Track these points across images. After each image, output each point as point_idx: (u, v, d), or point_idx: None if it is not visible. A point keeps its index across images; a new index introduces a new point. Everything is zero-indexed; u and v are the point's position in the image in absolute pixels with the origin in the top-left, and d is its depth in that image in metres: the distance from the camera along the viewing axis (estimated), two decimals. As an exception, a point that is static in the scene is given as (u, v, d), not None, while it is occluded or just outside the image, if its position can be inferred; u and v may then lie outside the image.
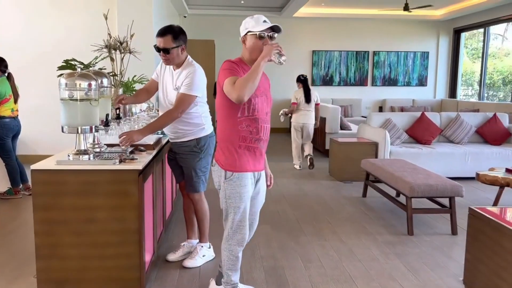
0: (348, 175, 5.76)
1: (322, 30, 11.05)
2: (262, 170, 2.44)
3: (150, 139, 3.01)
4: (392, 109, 10.85)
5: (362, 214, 4.34)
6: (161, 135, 3.38)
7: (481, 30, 10.59)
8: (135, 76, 4.18)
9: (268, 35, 2.26)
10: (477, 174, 4.41)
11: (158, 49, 2.88)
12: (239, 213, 2.33)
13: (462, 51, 11.48)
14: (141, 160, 2.54)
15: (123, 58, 3.84)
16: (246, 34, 2.29)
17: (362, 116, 10.55)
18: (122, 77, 3.83)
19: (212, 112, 2.96)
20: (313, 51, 11.08)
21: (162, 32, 2.85)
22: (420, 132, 6.11)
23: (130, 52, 3.86)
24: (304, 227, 3.95)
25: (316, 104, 6.60)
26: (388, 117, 6.23)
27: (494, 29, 10.61)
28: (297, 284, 2.83)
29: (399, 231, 3.84)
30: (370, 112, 6.86)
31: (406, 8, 8.63)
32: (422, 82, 11.47)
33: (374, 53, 11.24)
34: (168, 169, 3.64)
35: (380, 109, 11.20)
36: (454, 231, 3.77)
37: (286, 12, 9.97)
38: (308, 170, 6.48)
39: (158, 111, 3.72)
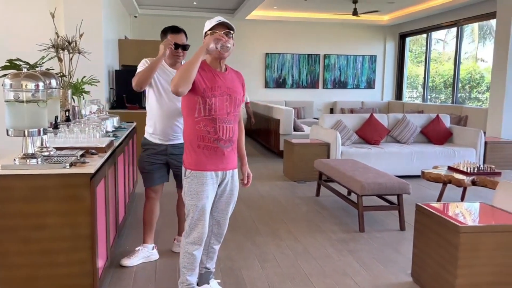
0: (302, 175, 5.87)
1: (275, 33, 11.20)
2: (230, 170, 2.44)
3: (102, 142, 2.92)
4: (343, 111, 11.18)
5: (316, 213, 4.45)
6: (113, 138, 3.29)
7: (424, 35, 11.16)
8: (84, 77, 4.05)
9: (221, 33, 2.29)
10: (422, 172, 4.65)
11: (177, 46, 2.96)
12: (196, 211, 2.35)
13: (407, 55, 12.05)
14: (93, 164, 2.47)
15: (71, 58, 3.71)
16: (205, 36, 2.34)
17: (314, 118, 10.80)
18: (70, 78, 3.69)
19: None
20: (266, 54, 11.21)
21: (178, 29, 3.00)
22: (369, 133, 6.34)
23: (79, 52, 3.73)
24: (260, 227, 3.98)
25: (246, 103, 7.03)
26: (339, 119, 6.42)
27: (436, 35, 11.22)
28: (254, 284, 2.85)
29: (351, 229, 3.97)
30: (322, 114, 7.04)
31: (354, 13, 8.94)
32: (370, 84, 11.91)
33: (325, 56, 11.55)
34: (120, 173, 3.56)
35: (331, 111, 11.51)
36: (402, 227, 3.95)
37: (239, 14, 10.02)
38: (261, 171, 6.54)
39: (108, 112, 3.62)
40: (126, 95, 6.87)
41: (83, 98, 4.13)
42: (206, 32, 2.34)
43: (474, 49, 11.69)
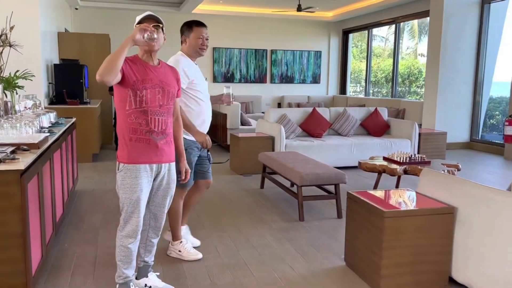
0: (247, 168, 5.97)
1: (222, 27, 11.21)
2: (165, 163, 2.45)
3: (35, 138, 2.85)
4: (290, 105, 11.41)
5: (259, 204, 4.56)
6: (48, 134, 3.21)
7: (366, 31, 11.61)
8: (17, 71, 3.90)
9: (151, 26, 2.31)
10: (359, 163, 4.88)
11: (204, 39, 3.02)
12: (130, 204, 2.35)
13: (350, 50, 12.48)
14: (24, 160, 2.41)
15: (2, 51, 3.56)
16: None
17: (262, 112, 10.95)
18: (1, 72, 3.55)
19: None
20: (214, 48, 11.21)
21: (203, 23, 3.03)
22: (312, 126, 6.55)
23: (10, 46, 3.59)
24: (204, 220, 4.04)
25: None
26: (283, 113, 6.58)
27: (379, 31, 11.70)
28: (195, 275, 2.91)
29: (292, 218, 4.12)
30: (268, 108, 7.16)
31: (299, 9, 9.14)
32: (316, 79, 12.23)
33: (272, 51, 11.72)
34: (57, 169, 3.48)
35: (279, 105, 11.72)
36: (339, 215, 4.14)
37: (185, 8, 9.93)
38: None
39: (46, 108, 3.49)
40: (67, 90, 6.65)
41: (17, 93, 3.98)
42: (135, 26, 2.35)
43: (415, 45, 12.32)
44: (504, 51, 8.43)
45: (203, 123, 3.09)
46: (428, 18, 8.70)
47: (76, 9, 9.62)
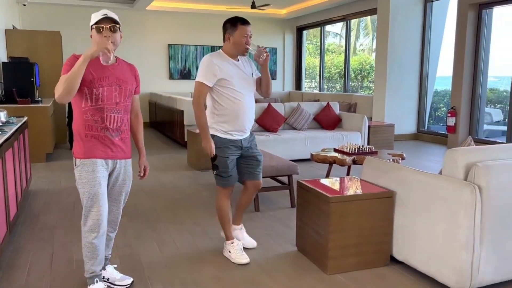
0: (205, 164, 6.06)
1: (177, 24, 11.18)
2: (121, 159, 2.49)
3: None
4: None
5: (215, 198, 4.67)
6: (0, 133, 3.18)
7: (319, 28, 11.93)
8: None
9: (107, 27, 2.31)
10: (312, 155, 5.10)
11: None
12: (89, 198, 2.37)
13: (305, 47, 12.79)
14: (-25, 159, 2.41)
15: None
16: (91, 29, 2.36)
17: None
18: None
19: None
20: (169, 45, 11.16)
21: (248, 21, 2.99)
22: (268, 121, 6.73)
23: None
24: (162, 215, 4.11)
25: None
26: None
27: (332, 28, 12.05)
28: (152, 266, 2.99)
29: (248, 209, 4.26)
30: (223, 104, 7.25)
31: (253, 6, 9.28)
32: (272, 75, 12.44)
33: (228, 48, 11.81)
34: (10, 168, 3.44)
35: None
36: (292, 204, 4.34)
37: (138, 4, 9.84)
38: (166, 162, 6.62)
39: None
40: (17, 89, 6.47)
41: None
42: (92, 26, 2.35)
43: (369, 41, 12.80)
44: (446, 47, 8.96)
45: (235, 121, 2.95)
46: (376, 15, 9.09)
47: (24, 5, 9.30)
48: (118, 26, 2.37)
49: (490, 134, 8.16)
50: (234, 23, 2.94)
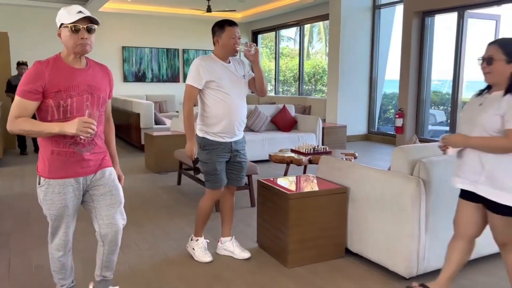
0: (163, 166, 6.07)
1: (131, 26, 11.04)
2: (97, 171, 2.21)
3: None
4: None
5: (176, 200, 4.72)
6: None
7: (273, 33, 12.18)
8: None
9: (85, 27, 2.02)
10: (270, 155, 5.26)
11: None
12: (55, 220, 2.17)
13: (260, 51, 12.98)
14: None
15: None
16: (60, 27, 2.05)
17: (176, 111, 11.00)
18: None
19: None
20: (123, 47, 11.00)
21: (235, 23, 3.00)
22: (226, 123, 6.82)
23: None
24: (121, 218, 4.10)
25: None
26: (197, 111, 6.75)
27: (287, 32, 12.34)
28: (116, 269, 3.00)
29: (208, 210, 4.34)
30: (181, 107, 7.29)
31: (209, 9, 9.36)
32: (228, 78, 12.55)
33: (184, 51, 11.80)
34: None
35: (194, 105, 11.83)
36: (252, 204, 4.47)
37: (91, 6, 9.63)
38: (124, 165, 6.55)
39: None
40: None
41: None
42: (63, 24, 2.02)
43: (322, 46, 13.22)
44: (393, 52, 9.45)
45: (225, 123, 2.94)
46: (328, 21, 9.44)
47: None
48: (96, 26, 2.07)
49: (435, 134, 8.69)
50: (221, 25, 2.95)
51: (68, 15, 2.01)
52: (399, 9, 8.54)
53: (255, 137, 6.67)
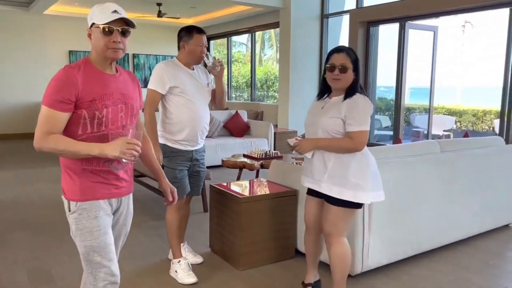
0: (114, 173, 5.95)
1: (79, 30, 10.69)
2: (126, 195, 1.94)
3: None
4: (157, 110, 11.45)
5: (128, 207, 4.65)
6: None
7: (226, 39, 12.28)
8: None
9: (119, 29, 1.80)
10: (223, 161, 5.32)
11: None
12: (95, 253, 1.79)
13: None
14: None
15: None
16: (91, 26, 1.83)
17: (127, 117, 10.80)
18: None
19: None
20: (70, 51, 10.66)
21: (203, 30, 2.95)
22: (178, 129, 6.80)
23: None
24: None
25: None
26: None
27: (239, 38, 12.46)
28: (64, 277, 2.95)
29: (162, 217, 4.33)
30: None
31: (159, 15, 9.30)
32: (180, 84, 12.49)
33: (134, 55, 11.62)
34: None
35: (143, 110, 11.66)
36: (205, 209, 4.50)
37: (35, 9, 9.28)
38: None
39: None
40: None
41: None
42: (94, 24, 1.79)
43: (273, 53, 13.45)
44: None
45: (187, 130, 2.88)
46: (279, 28, 9.66)
47: None
48: (131, 29, 1.87)
49: (380, 139, 9.12)
50: (189, 31, 2.88)
51: (101, 14, 1.78)
52: (346, 18, 8.90)
53: (208, 143, 6.67)
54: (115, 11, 1.78)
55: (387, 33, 8.57)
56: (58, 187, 5.45)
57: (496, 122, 7.80)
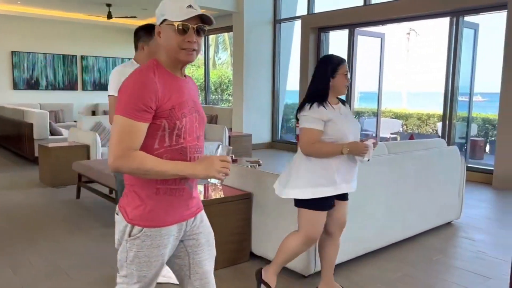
0: (61, 180, 5.71)
1: (22, 30, 10.22)
2: (198, 213, 1.68)
3: None
4: (105, 113, 11.11)
5: (76, 214, 4.47)
6: None
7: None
8: None
9: (195, 27, 1.50)
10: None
11: None
12: (143, 283, 1.59)
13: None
14: None
15: None
16: (161, 23, 1.52)
17: (75, 121, 10.40)
18: None
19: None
20: (13, 52, 10.13)
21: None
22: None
23: None
24: (15, 237, 3.79)
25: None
26: (98, 121, 6.49)
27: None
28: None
29: (111, 223, 4.16)
30: (80, 116, 6.94)
31: (109, 16, 9.05)
32: (132, 87, 12.20)
33: (82, 57, 11.22)
34: None
35: (94, 113, 11.29)
36: (158, 214, 4.41)
37: (-27, 6, 8.76)
38: (16, 180, 6.03)
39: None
40: None
41: None
42: (166, 20, 1.50)
43: (227, 56, 13.48)
44: (293, 64, 10.00)
45: None
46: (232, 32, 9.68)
47: None
48: (207, 27, 1.59)
49: (332, 141, 9.34)
50: (149, 31, 2.62)
51: (176, 9, 1.49)
52: (298, 24, 9.08)
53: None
54: (190, 6, 1.50)
55: (337, 39, 8.83)
56: (6, 194, 5.15)
57: (439, 125, 8.23)
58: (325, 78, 2.47)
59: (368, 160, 2.45)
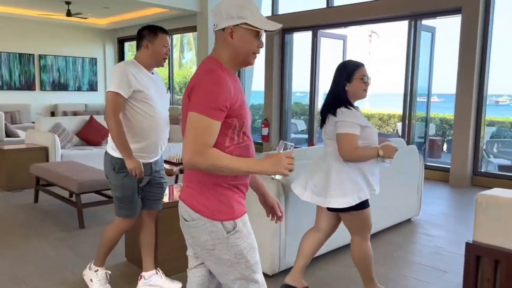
0: (17, 183, 5.49)
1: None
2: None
3: None
4: (65, 114, 10.77)
5: (34, 219, 4.31)
6: None
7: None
8: None
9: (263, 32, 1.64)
10: (139, 166, 5.14)
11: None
12: (260, 270, 1.65)
13: (127, 59, 12.59)
14: None
15: None
16: (239, 24, 1.56)
17: (32, 122, 10.01)
18: None
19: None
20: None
21: (166, 30, 2.69)
22: (91, 134, 6.46)
23: None
24: (-35, 244, 3.61)
25: None
26: (57, 122, 6.28)
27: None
28: (-43, 300, 2.65)
29: (71, 227, 4.07)
30: (38, 117, 6.70)
31: (69, 14, 8.79)
32: (93, 87, 11.88)
33: (40, 56, 10.83)
34: None
35: (53, 114, 10.92)
36: (121, 217, 4.31)
37: None
38: (-33, 184, 5.74)
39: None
40: None
41: None
42: (246, 23, 1.56)
43: (193, 56, 13.36)
44: (258, 64, 10.02)
45: (148, 141, 2.55)
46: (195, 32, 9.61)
47: None
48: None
49: (297, 142, 9.46)
50: (153, 30, 2.61)
51: (258, 16, 1.59)
52: (262, 25, 9.10)
53: (123, 148, 6.44)
54: (272, 21, 1.64)
55: (301, 41, 8.94)
56: (-50, 200, 4.89)
57: (399, 125, 8.49)
58: (341, 84, 2.46)
59: (391, 163, 2.45)
